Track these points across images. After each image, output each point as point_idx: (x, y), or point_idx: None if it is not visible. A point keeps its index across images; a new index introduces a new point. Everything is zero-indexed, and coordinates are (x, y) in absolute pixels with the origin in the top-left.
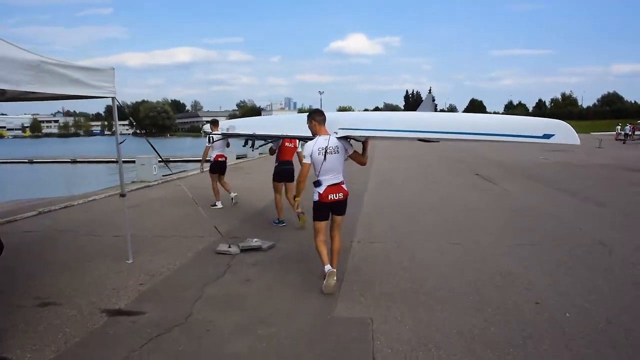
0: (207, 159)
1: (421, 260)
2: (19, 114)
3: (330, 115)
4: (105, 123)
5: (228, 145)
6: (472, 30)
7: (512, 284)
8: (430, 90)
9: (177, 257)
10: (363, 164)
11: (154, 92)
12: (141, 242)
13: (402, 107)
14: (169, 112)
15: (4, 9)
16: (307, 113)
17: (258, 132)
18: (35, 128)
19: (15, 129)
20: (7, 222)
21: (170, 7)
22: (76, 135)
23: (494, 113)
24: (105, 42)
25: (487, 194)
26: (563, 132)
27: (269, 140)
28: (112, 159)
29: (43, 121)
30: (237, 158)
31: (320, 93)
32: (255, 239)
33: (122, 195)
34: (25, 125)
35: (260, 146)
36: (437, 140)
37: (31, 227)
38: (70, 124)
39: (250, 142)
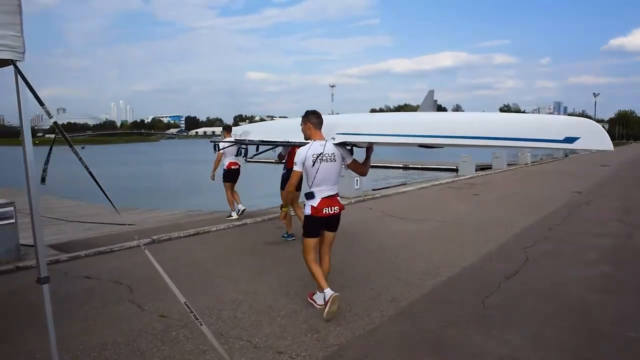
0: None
1: None
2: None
3: (329, 118)
4: None
5: (240, 152)
6: None
7: None
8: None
9: None
10: (363, 174)
11: (418, 96)
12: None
13: None
14: None
15: (291, 26)
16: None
17: (273, 138)
18: None
19: None
20: (97, 254)
21: (434, 14)
22: None
23: None
24: (372, 50)
25: None
26: (590, 134)
27: (272, 147)
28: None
29: None
30: (478, 169)
31: (595, 95)
32: None
33: (41, 280)
34: None
35: (254, 155)
36: (440, 146)
37: (103, 270)
38: None
39: (242, 151)
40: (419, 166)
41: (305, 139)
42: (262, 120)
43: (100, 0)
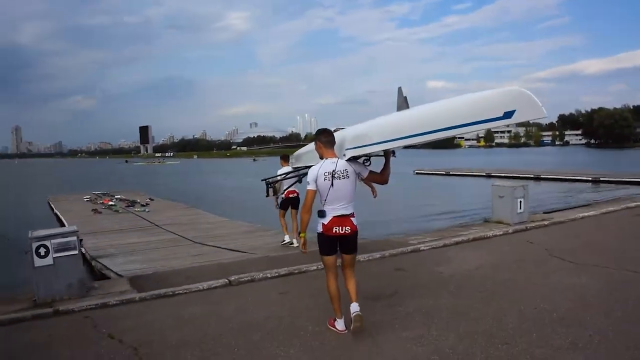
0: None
1: None
2: None
3: (339, 135)
4: (557, 133)
5: (300, 180)
6: None
7: None
8: None
9: None
10: (384, 182)
11: (615, 99)
12: None
13: None
14: (628, 119)
15: (471, 33)
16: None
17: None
18: (488, 138)
19: (472, 139)
20: (155, 297)
21: (634, 7)
22: (526, 145)
23: None
24: (561, 51)
25: None
26: (523, 104)
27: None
28: (526, 174)
29: (497, 132)
30: None
31: None
32: None
33: None
34: (480, 135)
35: (285, 189)
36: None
37: (138, 324)
38: (522, 134)
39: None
40: (613, 179)
41: (320, 158)
42: None
43: (287, 22)
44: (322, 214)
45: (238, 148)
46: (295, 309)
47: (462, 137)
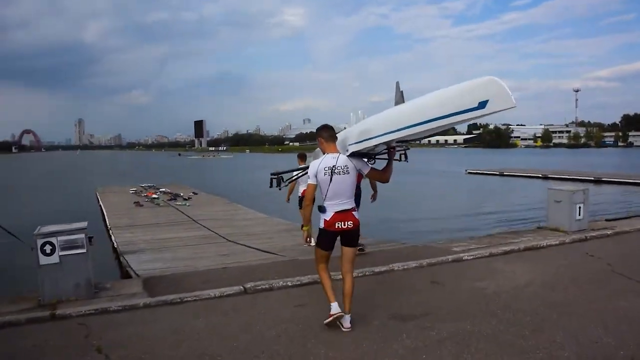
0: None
1: None
2: (535, 124)
3: (342, 133)
4: (620, 134)
5: None
6: None
7: None
8: None
9: None
10: (386, 180)
11: None
12: None
13: None
14: None
15: (530, 29)
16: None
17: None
18: (546, 138)
19: (528, 139)
20: (161, 304)
21: None
22: (586, 146)
23: None
24: (627, 49)
25: None
26: (496, 94)
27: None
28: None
29: (555, 132)
30: None
31: None
32: None
33: None
34: (537, 135)
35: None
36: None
37: (135, 335)
38: (581, 134)
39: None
40: None
41: (323, 153)
42: None
43: (342, 19)
44: (322, 209)
45: (290, 143)
46: (310, 327)
47: (518, 137)
